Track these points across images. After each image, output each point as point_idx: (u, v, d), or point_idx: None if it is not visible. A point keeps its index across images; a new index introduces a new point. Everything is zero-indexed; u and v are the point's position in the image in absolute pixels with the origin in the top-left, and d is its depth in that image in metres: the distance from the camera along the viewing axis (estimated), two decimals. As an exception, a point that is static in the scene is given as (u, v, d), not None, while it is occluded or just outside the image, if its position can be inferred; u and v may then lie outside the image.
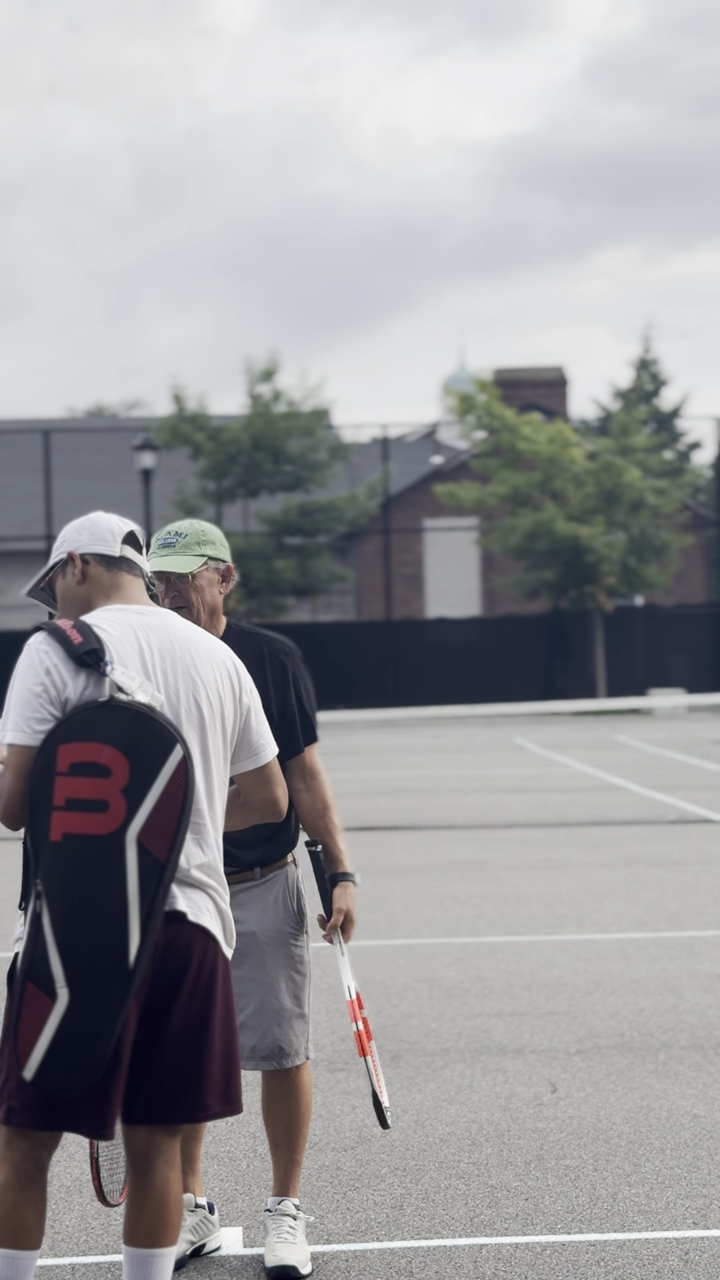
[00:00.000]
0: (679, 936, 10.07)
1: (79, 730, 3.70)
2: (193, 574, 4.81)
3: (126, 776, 3.68)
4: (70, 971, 3.66)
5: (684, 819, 16.57)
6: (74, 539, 4.05)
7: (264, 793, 4.17)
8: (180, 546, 4.83)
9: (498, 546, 41.02)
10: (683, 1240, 5.06)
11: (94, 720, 3.71)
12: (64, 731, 3.71)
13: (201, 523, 4.94)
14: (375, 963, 9.39)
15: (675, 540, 40.65)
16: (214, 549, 4.88)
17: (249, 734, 4.08)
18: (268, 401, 39.83)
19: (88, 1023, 3.66)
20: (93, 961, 3.66)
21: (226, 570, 4.92)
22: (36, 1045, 3.66)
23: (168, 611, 4.03)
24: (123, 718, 3.71)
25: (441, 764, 24.76)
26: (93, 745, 3.69)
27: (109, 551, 4.02)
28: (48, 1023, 3.66)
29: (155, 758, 3.70)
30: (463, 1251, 4.99)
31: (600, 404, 62.85)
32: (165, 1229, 3.92)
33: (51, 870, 3.67)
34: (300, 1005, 5.00)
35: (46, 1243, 5.14)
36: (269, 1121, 5.05)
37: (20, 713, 3.78)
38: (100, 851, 3.66)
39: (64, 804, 3.67)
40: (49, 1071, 3.67)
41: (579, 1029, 7.77)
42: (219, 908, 3.95)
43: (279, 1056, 4.94)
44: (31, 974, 3.68)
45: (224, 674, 4.00)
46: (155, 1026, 3.84)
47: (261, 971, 4.93)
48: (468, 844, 14.83)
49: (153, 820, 3.69)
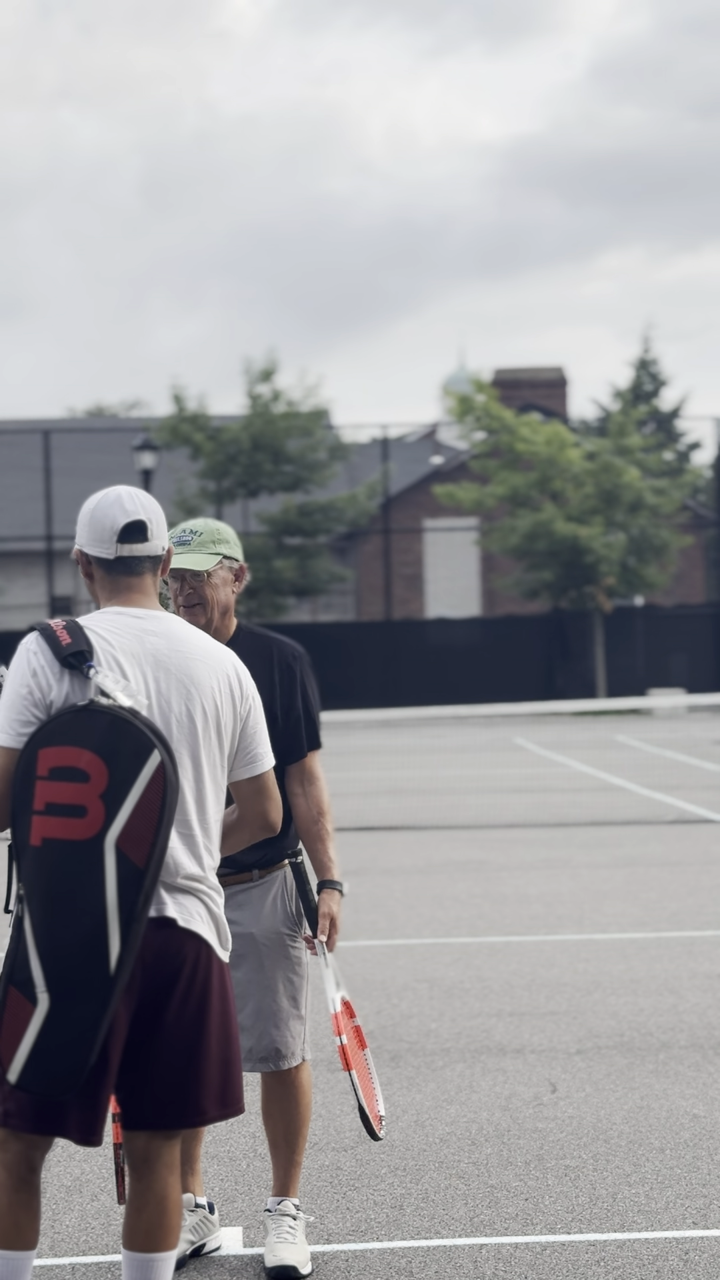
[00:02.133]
0: (679, 936, 10.07)
1: (59, 734, 3.67)
2: (208, 572, 4.81)
3: (105, 781, 3.64)
4: (50, 976, 3.64)
5: (684, 819, 16.57)
6: (80, 533, 4.03)
7: (257, 805, 4.11)
8: (196, 544, 4.84)
9: (497, 547, 41.01)
10: (683, 1240, 5.06)
11: (73, 724, 3.67)
12: (45, 735, 3.68)
13: (215, 521, 4.95)
14: (375, 963, 9.39)
15: (675, 540, 40.64)
16: (228, 548, 4.89)
17: (247, 741, 4.04)
18: (267, 401, 39.82)
19: (69, 1028, 3.64)
20: (72, 967, 3.64)
21: (240, 570, 4.93)
22: (19, 1049, 3.66)
23: (169, 615, 3.99)
24: (101, 722, 3.67)
25: (441, 764, 24.75)
26: (71, 749, 3.65)
27: (104, 555, 3.97)
28: (29, 1027, 3.65)
29: (133, 763, 3.65)
30: (463, 1251, 4.99)
31: (600, 404, 62.86)
32: (165, 1233, 3.91)
33: (32, 875, 3.66)
34: (298, 1007, 5.00)
35: (46, 1243, 5.14)
36: (268, 1122, 5.05)
37: (7, 714, 3.77)
38: (79, 857, 3.63)
39: (44, 808, 3.64)
40: (32, 1075, 3.66)
41: (579, 1029, 7.77)
42: (212, 912, 3.92)
43: (276, 1058, 4.94)
44: (14, 978, 3.67)
45: (223, 681, 3.96)
46: (149, 1033, 3.83)
47: (259, 973, 4.93)
48: (468, 844, 14.83)
49: (131, 826, 3.64)
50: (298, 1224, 4.97)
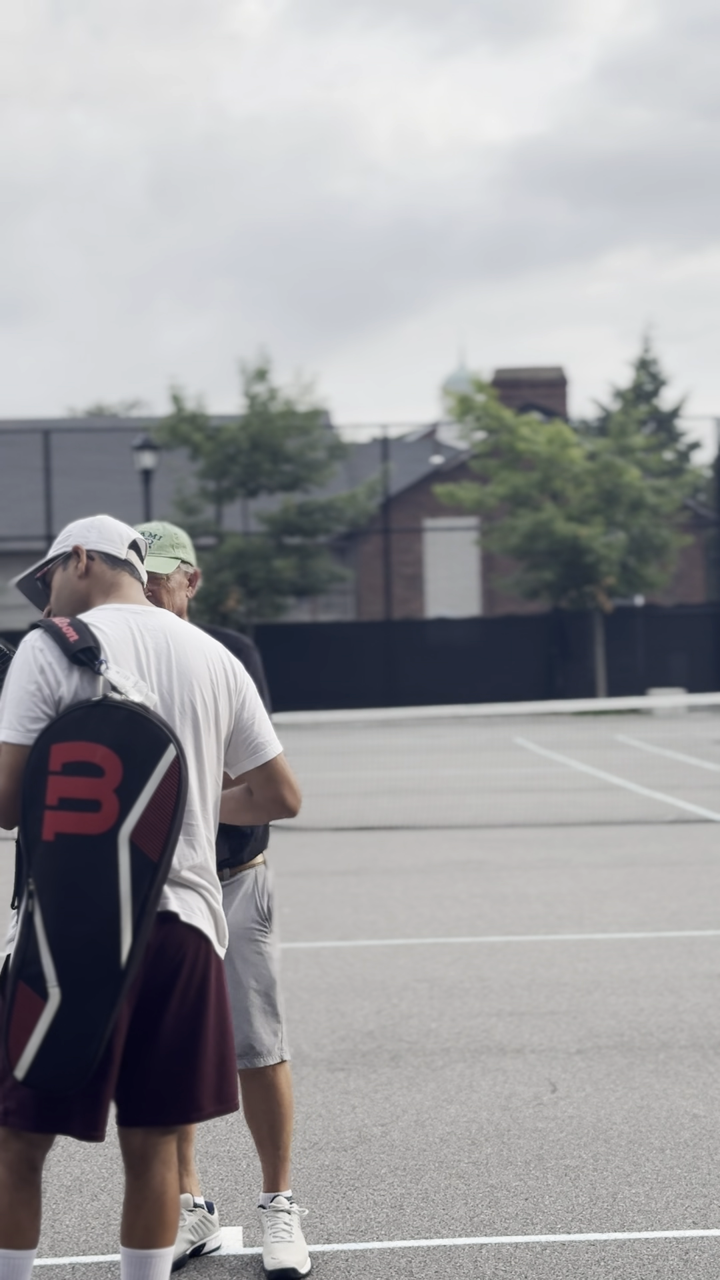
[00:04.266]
0: (679, 936, 10.07)
1: (72, 729, 3.69)
2: (166, 576, 4.85)
3: (119, 776, 3.66)
4: (62, 971, 3.65)
5: (684, 819, 16.57)
6: (81, 535, 4.06)
7: (270, 791, 4.13)
8: (156, 548, 4.87)
9: (497, 547, 41.01)
10: (683, 1240, 5.06)
11: (87, 719, 3.69)
12: (57, 730, 3.69)
13: (170, 525, 5.01)
14: (375, 963, 9.39)
15: (675, 540, 40.64)
16: (185, 552, 4.94)
17: (248, 732, 4.07)
18: (264, 401, 39.82)
19: (79, 1023, 3.65)
20: (84, 961, 3.65)
21: (194, 575, 4.97)
22: (28, 1045, 3.66)
23: (164, 611, 4.03)
24: (116, 717, 3.69)
25: (441, 764, 24.75)
26: (85, 744, 3.67)
27: (115, 552, 4.04)
28: (39, 1022, 3.65)
29: (148, 757, 3.69)
30: (463, 1251, 4.99)
31: (600, 404, 62.86)
32: (163, 1229, 3.92)
33: (44, 870, 3.66)
34: (270, 1003, 5.01)
35: (46, 1242, 5.14)
36: (251, 1123, 5.08)
37: (14, 711, 3.78)
38: (93, 851, 3.65)
39: (56, 803, 3.66)
40: (40, 1071, 3.67)
41: (579, 1029, 7.77)
42: (211, 907, 3.95)
43: (250, 1055, 4.97)
44: (24, 973, 3.67)
45: (219, 673, 4.00)
46: (148, 1028, 3.83)
47: (229, 970, 4.95)
48: (468, 844, 14.83)
49: (145, 820, 3.68)
50: (293, 1219, 4.98)
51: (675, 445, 60.61)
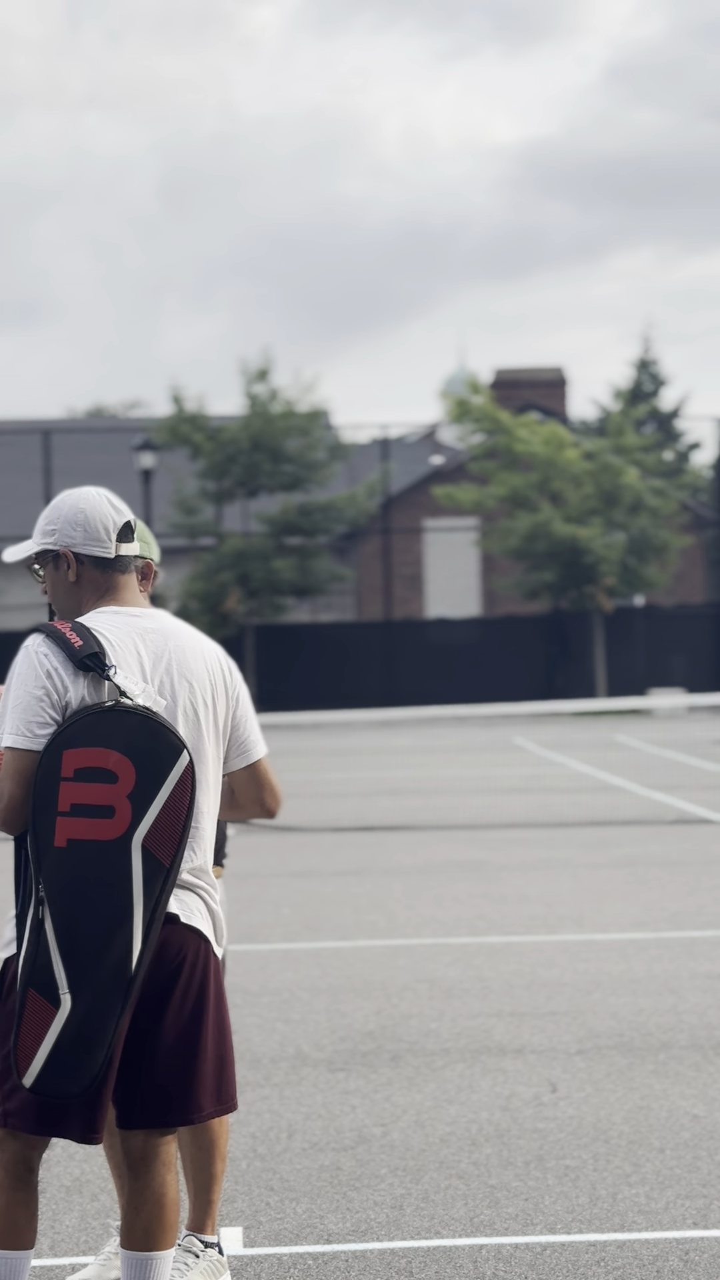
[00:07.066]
0: (679, 936, 10.07)
1: (84, 735, 3.66)
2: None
3: (133, 782, 3.65)
4: (74, 978, 3.64)
5: (684, 819, 16.57)
6: (67, 534, 3.95)
7: (252, 792, 4.15)
8: None
9: (497, 548, 41.00)
10: (683, 1240, 5.05)
11: (100, 724, 3.67)
12: (69, 736, 3.66)
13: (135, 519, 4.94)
14: (375, 963, 9.39)
15: (675, 540, 40.63)
16: (146, 548, 4.87)
17: (238, 732, 4.07)
18: (264, 401, 39.82)
19: (89, 1028, 3.64)
20: (96, 967, 3.64)
21: (146, 566, 4.88)
22: (37, 1053, 3.65)
23: (161, 613, 4.01)
24: (129, 722, 3.67)
25: (441, 764, 24.75)
26: (99, 750, 3.65)
27: (103, 554, 3.95)
28: (50, 1029, 3.64)
29: (162, 763, 3.67)
30: (463, 1251, 4.99)
31: (600, 405, 62.85)
32: (162, 1231, 3.91)
33: (55, 876, 3.64)
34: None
35: (46, 1242, 5.14)
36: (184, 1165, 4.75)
37: (20, 716, 3.74)
38: (106, 857, 3.64)
39: (69, 809, 3.63)
40: (48, 1078, 3.66)
41: (579, 1029, 7.77)
42: (210, 908, 3.95)
43: None
44: (34, 980, 3.64)
45: (217, 674, 3.99)
46: (149, 1029, 3.83)
47: None
48: (467, 844, 14.83)
49: (158, 826, 3.67)
50: (196, 1262, 4.63)
51: (675, 446, 60.59)
